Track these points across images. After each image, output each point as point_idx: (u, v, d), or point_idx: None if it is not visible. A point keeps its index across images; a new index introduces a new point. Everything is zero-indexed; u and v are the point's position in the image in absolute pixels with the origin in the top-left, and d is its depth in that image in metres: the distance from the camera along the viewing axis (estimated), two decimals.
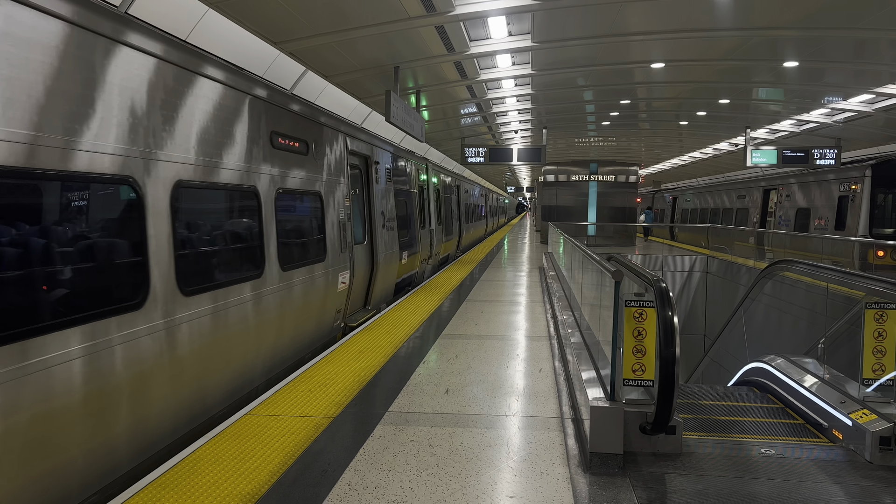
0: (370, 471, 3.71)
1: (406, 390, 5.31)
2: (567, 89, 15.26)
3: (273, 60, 9.49)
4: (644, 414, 3.93)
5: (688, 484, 3.68)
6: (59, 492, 3.60)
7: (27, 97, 3.43)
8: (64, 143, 3.65)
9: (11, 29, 3.36)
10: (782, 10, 8.87)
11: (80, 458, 3.76)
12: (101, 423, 3.93)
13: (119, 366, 4.03)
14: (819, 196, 17.72)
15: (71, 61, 3.75)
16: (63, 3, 3.70)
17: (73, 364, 3.64)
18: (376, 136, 11.61)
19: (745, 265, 14.62)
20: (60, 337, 3.55)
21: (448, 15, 8.64)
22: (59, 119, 3.64)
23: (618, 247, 21.52)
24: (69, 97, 3.73)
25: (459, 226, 22.48)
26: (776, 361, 6.36)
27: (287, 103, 6.99)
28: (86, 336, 3.74)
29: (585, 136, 24.78)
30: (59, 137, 3.62)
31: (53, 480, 3.56)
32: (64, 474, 3.64)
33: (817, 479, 3.85)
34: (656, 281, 3.77)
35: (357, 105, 13.81)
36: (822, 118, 17.12)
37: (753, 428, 5.14)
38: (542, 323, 8.32)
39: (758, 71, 12.81)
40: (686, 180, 40.98)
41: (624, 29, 9.93)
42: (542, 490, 3.47)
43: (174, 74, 4.78)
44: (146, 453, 4.43)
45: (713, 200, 26.74)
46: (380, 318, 8.60)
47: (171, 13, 7.13)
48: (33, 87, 3.47)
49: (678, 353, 3.55)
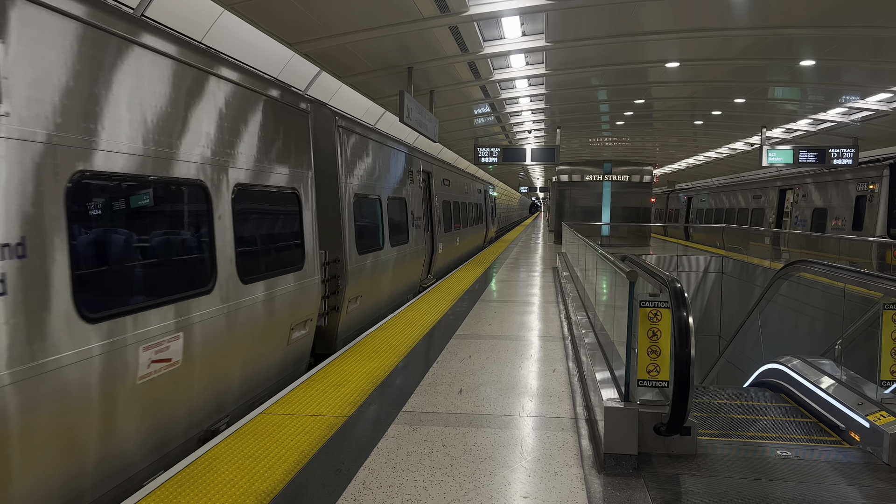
0: (384, 470, 3.72)
1: (419, 390, 5.32)
2: (581, 89, 15.24)
3: (287, 61, 9.55)
4: (659, 415, 3.91)
5: (703, 485, 3.67)
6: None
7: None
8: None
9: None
10: (798, 9, 8.81)
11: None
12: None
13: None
14: (836, 196, 17.55)
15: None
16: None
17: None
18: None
19: (761, 266, 14.51)
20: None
21: (462, 15, 8.65)
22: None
23: (632, 247, 21.42)
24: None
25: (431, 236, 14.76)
26: (792, 363, 6.31)
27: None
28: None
29: (599, 136, 24.74)
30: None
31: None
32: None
33: (834, 481, 3.82)
34: (671, 281, 3.76)
35: (370, 105, 13.85)
36: (839, 117, 16.98)
37: (769, 429, 5.11)
38: (555, 323, 8.30)
39: (774, 70, 12.73)
40: (701, 180, 40.74)
41: (638, 28, 9.90)
42: (556, 490, 3.47)
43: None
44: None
45: (728, 200, 26.56)
46: (394, 318, 8.63)
47: (188, 14, 7.20)
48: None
49: (693, 354, 3.53)
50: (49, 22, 3.39)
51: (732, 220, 25.29)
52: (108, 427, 3.82)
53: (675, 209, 37.05)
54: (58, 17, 3.45)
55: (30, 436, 3.22)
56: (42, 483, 3.36)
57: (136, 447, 4.13)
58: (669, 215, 37.58)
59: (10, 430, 3.09)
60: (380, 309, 9.84)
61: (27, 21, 3.25)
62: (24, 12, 3.24)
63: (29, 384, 3.18)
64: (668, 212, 38.22)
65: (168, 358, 4.28)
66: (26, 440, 3.20)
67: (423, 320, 8.42)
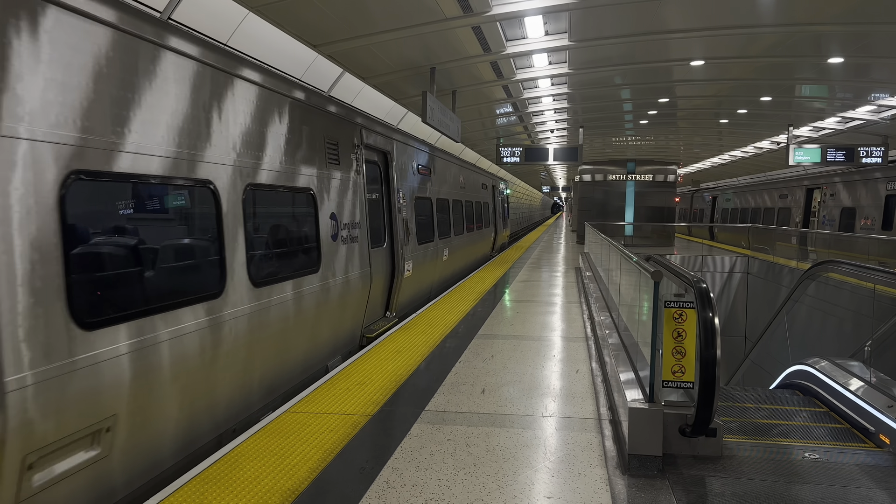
0: (408, 469, 3.74)
1: (442, 390, 5.33)
2: (604, 88, 15.14)
3: (311, 62, 9.62)
4: (683, 416, 3.88)
5: (728, 487, 3.63)
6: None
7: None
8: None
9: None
10: (826, 5, 8.67)
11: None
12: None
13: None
14: (865, 195, 17.24)
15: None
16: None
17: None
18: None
19: (788, 266, 14.31)
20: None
21: (485, 15, 8.64)
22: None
23: (656, 247, 21.24)
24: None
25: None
26: (820, 364, 6.22)
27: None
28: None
29: (623, 135, 24.54)
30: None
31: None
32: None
33: (863, 485, 3.76)
34: (697, 281, 3.73)
35: (393, 106, 13.90)
36: (869, 115, 16.67)
37: (796, 431, 5.04)
38: (578, 324, 8.27)
39: (801, 67, 12.53)
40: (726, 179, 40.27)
41: (662, 26, 9.82)
42: (580, 491, 3.46)
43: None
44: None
45: (754, 200, 26.23)
46: (416, 317, 8.66)
47: (214, 15, 7.28)
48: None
49: (719, 355, 3.50)
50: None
51: (758, 220, 24.96)
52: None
53: (699, 209, 36.67)
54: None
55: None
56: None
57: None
58: (694, 215, 37.21)
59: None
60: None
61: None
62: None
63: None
64: (692, 211, 37.85)
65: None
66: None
67: (446, 320, 8.43)
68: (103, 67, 3.78)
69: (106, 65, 3.80)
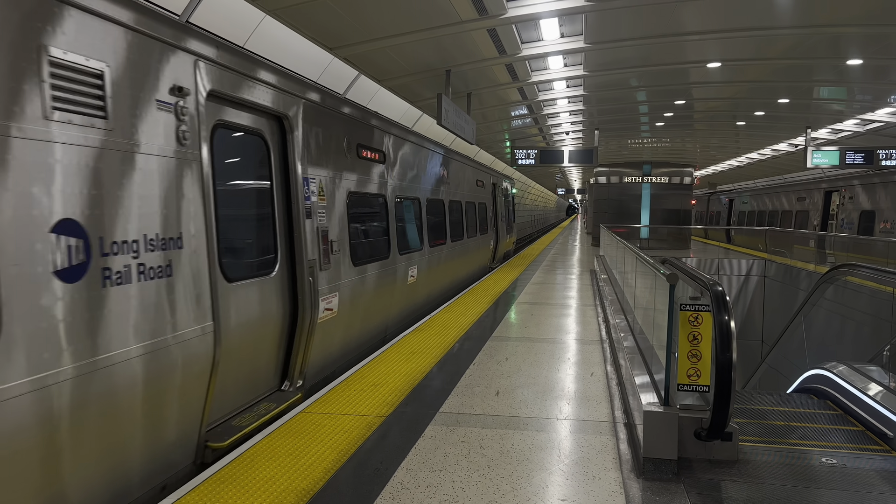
0: (422, 470, 3.75)
1: (456, 391, 5.34)
2: (620, 90, 15.12)
3: (328, 65, 9.68)
4: (699, 420, 3.87)
5: (744, 491, 3.61)
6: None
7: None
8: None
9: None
10: (844, 7, 8.61)
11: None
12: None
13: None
14: (885, 198, 17.04)
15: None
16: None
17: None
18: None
19: (805, 269, 14.18)
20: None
21: (500, 18, 8.66)
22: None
23: (672, 250, 21.12)
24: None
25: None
26: (838, 368, 6.16)
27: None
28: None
29: (638, 138, 24.47)
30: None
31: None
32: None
33: (881, 490, 3.72)
34: (713, 284, 3.71)
35: (408, 108, 13.94)
36: (888, 117, 16.50)
37: (813, 436, 5.00)
38: (593, 326, 8.25)
39: (819, 69, 12.44)
40: (742, 182, 39.98)
41: (678, 28, 9.79)
42: (595, 494, 3.46)
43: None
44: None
45: (771, 202, 25.99)
46: (430, 319, 8.67)
47: (231, 19, 7.36)
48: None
49: (735, 359, 3.48)
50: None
51: (775, 223, 24.73)
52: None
53: (716, 211, 36.41)
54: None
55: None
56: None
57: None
58: (710, 217, 36.95)
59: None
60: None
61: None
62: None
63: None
64: (708, 214, 37.59)
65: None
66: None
67: (460, 322, 8.44)
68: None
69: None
